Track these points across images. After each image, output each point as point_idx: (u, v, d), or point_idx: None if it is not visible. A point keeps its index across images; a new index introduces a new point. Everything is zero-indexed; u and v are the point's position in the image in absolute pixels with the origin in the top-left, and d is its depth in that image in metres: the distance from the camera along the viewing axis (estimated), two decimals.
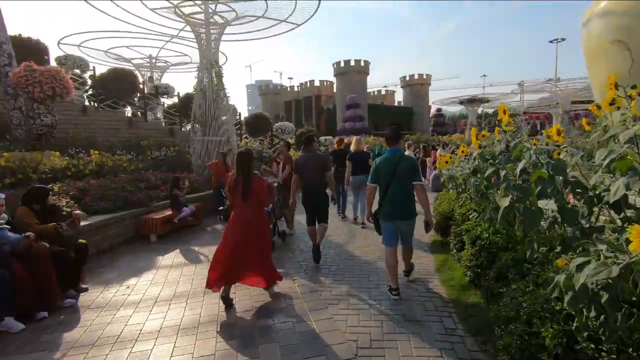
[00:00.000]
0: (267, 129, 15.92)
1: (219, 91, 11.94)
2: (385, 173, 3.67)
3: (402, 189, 3.64)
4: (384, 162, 3.73)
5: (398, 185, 3.63)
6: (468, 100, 32.41)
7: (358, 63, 48.67)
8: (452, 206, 5.32)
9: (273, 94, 61.96)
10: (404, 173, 3.62)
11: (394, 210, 3.66)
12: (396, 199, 3.64)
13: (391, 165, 3.67)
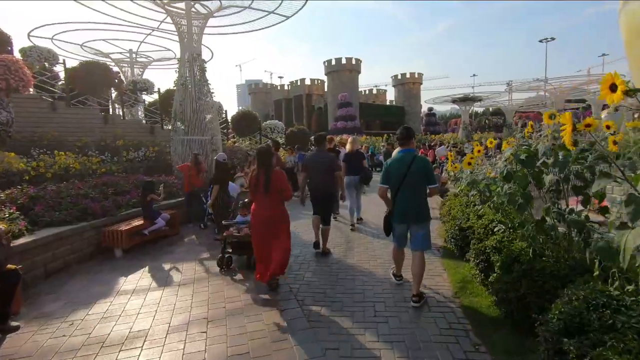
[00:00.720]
0: (255, 128, 15.04)
1: (202, 86, 11.03)
2: (397, 175, 3.50)
3: (414, 192, 3.48)
4: (396, 163, 3.55)
5: (410, 187, 3.46)
6: (461, 99, 31.95)
7: (349, 61, 48.01)
8: (468, 215, 4.56)
9: (263, 92, 60.91)
10: (417, 175, 3.44)
11: (406, 213, 3.52)
12: (408, 201, 3.48)
13: (403, 166, 3.47)
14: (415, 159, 3.49)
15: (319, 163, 5.00)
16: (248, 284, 4.20)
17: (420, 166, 3.46)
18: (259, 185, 3.79)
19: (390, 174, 3.58)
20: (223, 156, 6.78)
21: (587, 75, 26.07)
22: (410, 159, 3.48)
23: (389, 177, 3.58)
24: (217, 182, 6.19)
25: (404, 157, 3.54)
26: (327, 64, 48.85)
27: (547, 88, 26.57)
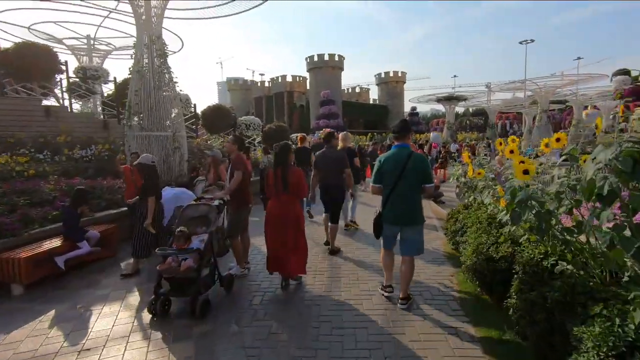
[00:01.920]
0: (229, 124, 13.54)
1: (163, 74, 9.49)
2: (391, 173, 3.27)
3: (409, 191, 3.25)
4: (390, 160, 3.31)
5: (405, 187, 3.23)
6: (445, 98, 31.37)
7: (332, 58, 46.79)
8: (496, 238, 3.33)
9: (243, 89, 58.86)
10: (413, 174, 3.22)
11: (399, 214, 3.30)
12: (402, 202, 3.26)
13: (398, 164, 3.24)
14: (412, 157, 3.23)
15: (330, 160, 5.05)
16: (185, 346, 2.84)
17: (417, 164, 3.21)
18: (277, 182, 3.82)
19: (383, 172, 3.32)
20: (149, 158, 4.87)
21: (560, 76, 25.97)
22: (406, 156, 3.22)
23: (382, 175, 3.32)
24: (150, 192, 4.48)
25: (399, 153, 3.28)
26: (309, 60, 47.45)
27: (532, 88, 26.21)
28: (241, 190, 4.30)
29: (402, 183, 3.20)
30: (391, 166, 3.25)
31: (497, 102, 34.89)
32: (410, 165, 3.18)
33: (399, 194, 3.23)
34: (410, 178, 3.20)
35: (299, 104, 51.35)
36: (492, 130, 34.50)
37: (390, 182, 3.25)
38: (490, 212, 4.04)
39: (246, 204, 4.41)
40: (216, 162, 6.10)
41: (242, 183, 4.25)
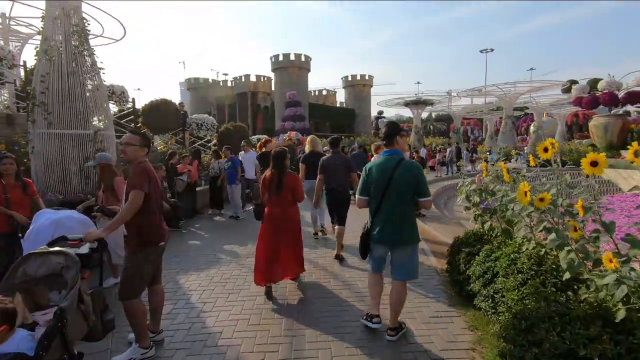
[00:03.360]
0: (176, 123, 11.58)
1: (82, 57, 7.51)
2: (378, 183, 2.77)
3: (398, 206, 2.73)
4: (376, 168, 2.83)
5: (394, 200, 2.72)
6: (413, 102, 31.04)
7: (299, 58, 45.21)
8: (567, 297, 1.96)
9: (203, 88, 55.56)
10: (402, 184, 2.70)
11: (388, 232, 2.76)
12: (391, 218, 2.75)
13: (384, 173, 2.74)
14: (401, 164, 2.72)
15: (337, 165, 5.11)
16: None
17: (407, 173, 2.70)
18: (273, 186, 3.85)
19: (369, 183, 2.83)
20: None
21: (524, 82, 26.58)
22: (394, 164, 2.72)
23: (369, 186, 2.83)
24: None
25: (387, 161, 2.79)
26: (274, 59, 45.56)
27: (496, 94, 26.45)
28: (144, 222, 2.65)
29: (390, 196, 2.73)
30: (377, 176, 2.78)
31: (465, 106, 35.28)
32: (398, 174, 2.68)
33: (386, 209, 2.76)
34: (400, 190, 2.72)
35: (263, 105, 49.25)
36: (457, 135, 34.75)
37: (377, 195, 2.79)
38: (530, 252, 2.70)
39: (153, 241, 2.75)
40: (108, 173, 4.17)
41: (143, 210, 2.60)
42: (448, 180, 16.57)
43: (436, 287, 3.92)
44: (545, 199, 2.26)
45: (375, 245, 2.87)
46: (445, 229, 7.23)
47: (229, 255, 5.36)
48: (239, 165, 8.05)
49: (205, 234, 6.76)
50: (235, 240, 6.20)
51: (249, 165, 8.54)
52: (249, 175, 8.52)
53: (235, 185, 7.93)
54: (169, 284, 4.29)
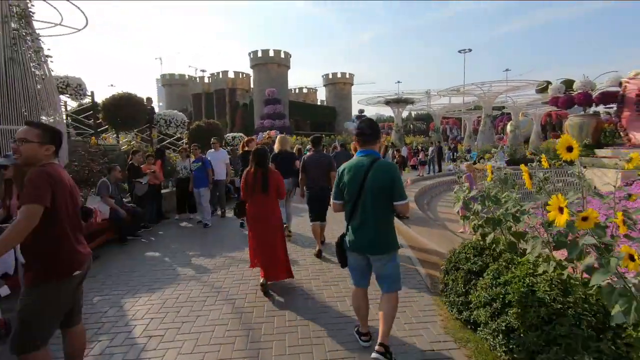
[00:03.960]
0: (142, 119, 10.61)
1: (24, 42, 6.59)
2: (351, 186, 2.53)
3: (373, 209, 2.47)
4: (349, 169, 2.58)
5: (368, 204, 2.48)
6: (394, 100, 30.82)
7: (278, 54, 44.22)
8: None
9: (179, 85, 53.66)
10: (377, 186, 2.45)
11: (362, 239, 2.52)
12: (365, 223, 2.50)
13: (357, 174, 2.51)
14: (375, 165, 2.46)
15: (319, 163, 5.23)
16: None
17: (380, 175, 2.44)
18: (257, 184, 3.85)
19: (344, 185, 2.57)
20: None
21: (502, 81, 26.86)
22: (367, 165, 2.47)
23: (342, 189, 2.59)
24: None
25: (361, 161, 2.54)
26: (252, 55, 44.36)
27: (476, 93, 26.54)
28: (48, 247, 1.95)
29: (364, 199, 2.50)
30: (349, 178, 2.55)
31: (445, 105, 35.39)
32: (372, 176, 2.45)
33: (361, 214, 2.51)
34: (374, 193, 2.47)
35: (242, 102, 47.97)
36: (437, 134, 34.84)
37: (350, 198, 2.55)
38: (550, 275, 2.17)
39: (61, 272, 2.02)
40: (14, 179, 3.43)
41: (46, 231, 1.90)
42: (430, 179, 16.26)
43: (428, 309, 3.36)
44: (589, 218, 1.71)
45: (350, 253, 2.65)
46: (432, 234, 6.75)
47: (191, 271, 4.64)
48: (210, 167, 7.25)
49: (167, 244, 5.99)
50: (201, 251, 5.47)
51: (219, 166, 7.81)
52: (218, 176, 7.80)
53: (205, 189, 7.09)
54: (111, 309, 3.54)
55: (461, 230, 8.35)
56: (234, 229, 6.84)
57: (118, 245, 5.91)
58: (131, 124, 10.25)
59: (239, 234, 6.40)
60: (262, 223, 3.88)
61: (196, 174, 7.09)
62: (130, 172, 6.99)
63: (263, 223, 3.88)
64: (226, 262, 4.96)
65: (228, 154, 9.09)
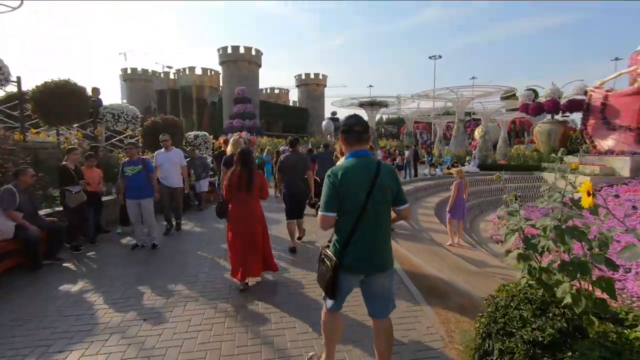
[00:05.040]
0: (84, 113, 8.98)
1: None
2: (356, 193, 2.09)
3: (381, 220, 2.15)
4: (353, 174, 2.11)
5: (374, 212, 2.11)
6: (368, 103, 30.31)
7: (249, 51, 42.45)
8: None
9: (141, 80, 50.40)
10: (384, 192, 2.13)
11: (369, 255, 2.11)
12: (372, 236, 2.12)
13: (365, 179, 2.11)
14: (382, 168, 2.16)
15: (296, 163, 5.42)
16: None
17: (388, 178, 2.16)
18: (242, 184, 3.94)
19: (344, 193, 2.09)
20: None
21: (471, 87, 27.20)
22: (375, 168, 2.13)
23: (344, 198, 2.09)
24: None
25: (366, 163, 2.15)
26: (222, 51, 42.29)
27: (449, 98, 26.57)
28: None
29: (372, 206, 2.09)
30: (356, 183, 2.09)
31: (417, 109, 35.45)
32: (381, 180, 2.10)
33: (367, 226, 2.09)
34: (382, 199, 2.12)
35: (210, 100, 45.72)
36: (409, 138, 34.83)
37: (355, 208, 2.08)
38: None
39: None
40: None
41: None
42: (408, 184, 15.59)
43: None
44: None
45: (348, 275, 2.17)
46: (425, 252, 5.83)
47: (128, 315, 3.35)
48: (154, 171, 5.80)
49: (98, 272, 4.61)
50: (145, 282, 4.15)
51: (172, 170, 6.42)
52: (171, 182, 6.42)
53: (149, 200, 5.51)
54: None
55: (449, 243, 7.57)
56: (192, 247, 5.55)
57: (28, 274, 4.46)
58: (69, 117, 8.60)
59: (198, 255, 5.14)
60: (247, 222, 3.95)
61: (134, 181, 5.42)
62: (63, 176, 5.44)
63: (249, 221, 3.95)
64: (181, 298, 3.72)
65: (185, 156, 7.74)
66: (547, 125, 23.16)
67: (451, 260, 5.51)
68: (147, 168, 5.55)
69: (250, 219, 3.95)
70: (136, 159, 5.53)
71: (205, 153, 12.01)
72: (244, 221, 3.94)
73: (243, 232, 3.92)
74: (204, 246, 5.64)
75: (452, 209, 7.61)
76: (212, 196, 10.69)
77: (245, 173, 3.95)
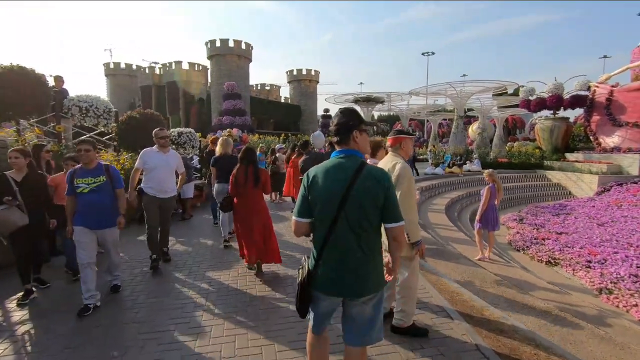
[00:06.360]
0: (42, 105, 7.55)
1: None
2: (327, 199, 1.82)
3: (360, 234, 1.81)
4: (324, 176, 1.85)
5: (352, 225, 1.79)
6: (364, 99, 29.23)
7: (239, 45, 40.70)
8: None
9: (125, 75, 48.21)
10: (365, 202, 1.79)
11: (341, 277, 1.82)
12: (348, 254, 1.82)
13: (338, 182, 1.81)
14: (364, 171, 1.80)
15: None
16: None
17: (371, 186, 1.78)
18: (249, 180, 4.18)
19: (313, 197, 1.85)
20: None
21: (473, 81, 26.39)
22: (353, 171, 1.81)
23: (314, 205, 1.85)
24: None
25: (341, 165, 1.85)
26: (210, 45, 40.48)
27: (449, 94, 25.62)
28: None
29: (346, 218, 1.78)
30: (325, 187, 1.81)
31: (415, 105, 34.52)
32: (360, 186, 1.77)
33: (340, 240, 1.79)
34: (361, 210, 1.77)
35: (198, 97, 43.92)
36: None
37: (325, 217, 1.81)
38: None
39: None
40: None
41: None
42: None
43: None
44: None
45: (321, 295, 1.86)
46: (467, 275, 4.69)
47: None
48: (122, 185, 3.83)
49: (12, 334, 3.30)
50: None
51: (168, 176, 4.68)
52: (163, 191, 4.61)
53: (112, 230, 3.69)
54: None
55: (479, 257, 6.47)
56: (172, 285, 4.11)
57: None
58: (24, 110, 7.16)
59: (182, 300, 3.84)
60: (254, 216, 4.15)
61: (90, 200, 3.52)
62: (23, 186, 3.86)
63: (255, 215, 4.15)
64: None
65: None
66: (550, 122, 22.40)
67: (502, 288, 4.37)
68: (114, 180, 3.71)
69: (259, 212, 4.21)
70: (94, 167, 3.61)
71: (191, 152, 10.66)
72: (253, 214, 4.16)
73: (252, 225, 4.14)
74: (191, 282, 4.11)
75: (482, 218, 6.50)
76: (198, 202, 9.37)
77: (252, 169, 4.23)
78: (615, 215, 11.50)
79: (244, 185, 4.18)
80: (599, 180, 16.73)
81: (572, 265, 7.45)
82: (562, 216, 12.26)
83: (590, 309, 4.51)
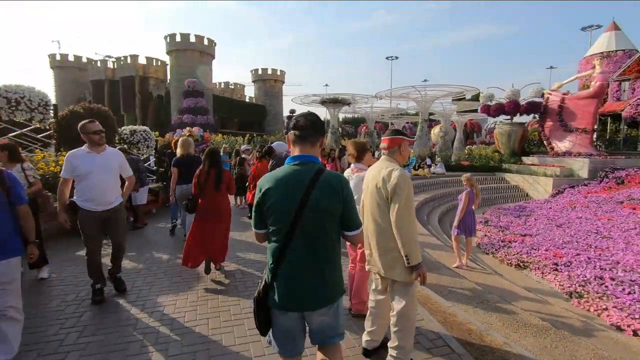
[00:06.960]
0: None
1: None
2: (281, 211, 1.66)
3: (317, 246, 1.68)
4: (277, 185, 1.68)
5: (309, 236, 1.66)
6: (330, 101, 28.93)
7: (200, 40, 38.78)
8: None
9: (74, 68, 44.39)
10: (322, 211, 1.65)
11: (299, 290, 1.69)
12: (304, 266, 1.68)
13: (293, 193, 1.65)
14: (322, 180, 1.66)
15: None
16: None
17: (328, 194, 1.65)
18: (210, 182, 4.16)
19: (268, 208, 1.69)
20: None
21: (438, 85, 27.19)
22: (310, 179, 1.65)
23: (267, 214, 1.71)
24: None
25: (297, 173, 1.68)
26: (170, 39, 38.24)
27: (414, 97, 26.04)
28: None
29: (302, 229, 1.63)
30: (279, 198, 1.65)
31: (380, 108, 34.85)
32: (316, 196, 1.62)
33: (297, 254, 1.65)
34: (317, 221, 1.64)
35: (156, 93, 41.39)
36: (372, 139, 34.17)
37: (280, 230, 1.66)
38: None
39: None
40: None
41: None
42: None
43: None
44: None
45: (279, 312, 1.71)
46: (451, 286, 4.36)
47: None
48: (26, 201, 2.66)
49: None
50: None
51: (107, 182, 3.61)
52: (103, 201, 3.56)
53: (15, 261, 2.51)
54: None
55: (456, 265, 6.25)
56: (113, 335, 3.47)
57: None
58: None
59: None
60: (215, 215, 4.17)
61: None
62: None
63: (216, 215, 4.19)
64: None
65: None
66: (507, 126, 23.46)
67: (490, 303, 4.08)
68: (14, 194, 2.56)
69: (220, 213, 4.20)
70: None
71: (147, 152, 9.63)
72: (214, 214, 4.16)
73: (211, 225, 4.14)
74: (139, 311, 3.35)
75: (460, 224, 6.28)
76: (154, 207, 8.42)
77: (213, 171, 4.18)
78: (571, 216, 12.00)
79: (207, 187, 4.17)
80: (553, 183, 17.61)
81: (540, 268, 7.50)
82: (524, 218, 12.62)
83: (576, 320, 4.35)
